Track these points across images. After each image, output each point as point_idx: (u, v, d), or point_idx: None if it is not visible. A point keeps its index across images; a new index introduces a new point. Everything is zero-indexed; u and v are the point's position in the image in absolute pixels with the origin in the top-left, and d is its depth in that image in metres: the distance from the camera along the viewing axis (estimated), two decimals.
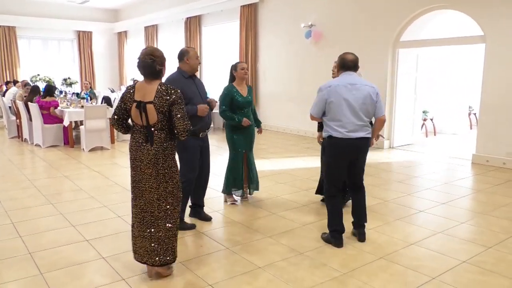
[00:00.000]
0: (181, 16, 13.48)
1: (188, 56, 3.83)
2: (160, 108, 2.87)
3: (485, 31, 6.68)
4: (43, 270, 3.17)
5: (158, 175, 2.94)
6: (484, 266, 3.26)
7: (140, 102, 2.89)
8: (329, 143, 3.59)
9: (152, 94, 2.88)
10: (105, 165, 6.84)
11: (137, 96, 2.93)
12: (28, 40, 16.10)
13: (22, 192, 5.29)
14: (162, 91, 2.88)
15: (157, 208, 2.97)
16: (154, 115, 2.88)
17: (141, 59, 2.93)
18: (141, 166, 2.96)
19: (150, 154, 2.92)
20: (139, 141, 2.96)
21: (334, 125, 3.50)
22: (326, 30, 9.14)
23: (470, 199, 5.11)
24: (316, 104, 3.56)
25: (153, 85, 2.92)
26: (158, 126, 2.91)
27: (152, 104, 2.87)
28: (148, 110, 2.88)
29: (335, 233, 3.63)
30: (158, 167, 2.93)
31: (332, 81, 3.59)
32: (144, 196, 2.98)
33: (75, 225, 4.12)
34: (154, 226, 2.97)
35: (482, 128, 6.93)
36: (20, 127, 9.31)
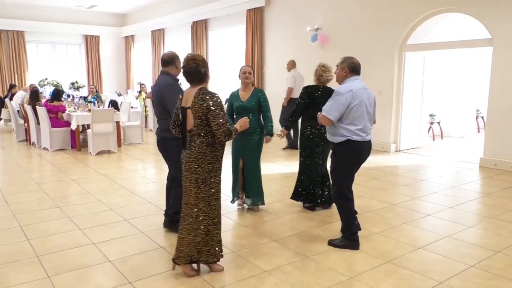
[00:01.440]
0: (187, 20, 13.55)
1: (179, 61, 3.82)
2: (196, 114, 2.91)
3: (493, 34, 6.65)
4: (51, 273, 3.19)
5: (194, 179, 3.02)
6: (492, 270, 3.23)
7: (182, 107, 3.01)
8: (348, 147, 3.53)
9: (191, 100, 2.96)
10: (112, 169, 6.88)
11: (183, 102, 3.04)
12: (36, 44, 16.27)
13: (29, 195, 5.34)
14: (200, 97, 2.92)
15: (191, 212, 3.06)
16: (191, 121, 2.96)
17: (185, 65, 3.00)
18: (184, 171, 3.07)
19: (191, 158, 3.00)
20: (182, 145, 3.09)
21: (355, 129, 3.50)
22: (332, 33, 9.15)
23: (478, 203, 5.07)
24: (337, 107, 3.45)
25: (192, 90, 3.00)
26: (195, 131, 2.97)
27: (190, 109, 2.95)
28: (187, 115, 2.97)
29: (355, 236, 3.65)
30: (192, 171, 3.01)
31: (351, 85, 3.51)
32: (185, 198, 3.10)
33: (82, 228, 4.14)
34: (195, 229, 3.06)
35: (489, 132, 6.88)
36: (28, 130, 9.40)
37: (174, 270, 3.17)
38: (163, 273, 3.21)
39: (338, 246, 3.65)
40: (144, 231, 4.07)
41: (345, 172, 3.62)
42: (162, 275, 3.18)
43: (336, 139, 3.57)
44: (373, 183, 5.86)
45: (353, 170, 3.65)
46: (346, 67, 3.60)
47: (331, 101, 3.51)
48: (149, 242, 3.81)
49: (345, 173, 3.62)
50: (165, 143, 3.82)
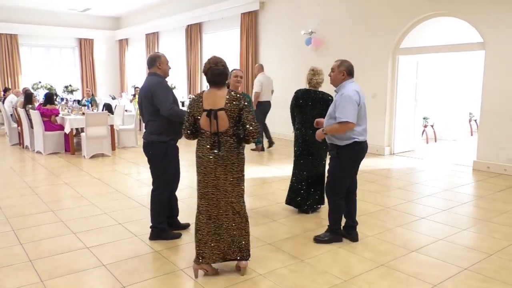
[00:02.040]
0: (182, 24, 13.56)
1: (160, 61, 3.79)
2: (231, 114, 2.97)
3: (485, 38, 6.72)
4: (44, 278, 3.17)
5: (232, 179, 3.07)
6: (486, 273, 3.24)
7: (210, 110, 2.96)
8: (354, 149, 3.62)
9: (223, 101, 2.97)
10: (106, 172, 6.85)
11: (207, 105, 3.00)
12: (30, 47, 16.19)
13: (23, 199, 5.30)
14: (232, 97, 2.99)
15: (232, 210, 3.11)
16: (225, 122, 2.98)
17: (214, 68, 3.00)
18: (215, 172, 3.04)
19: (224, 160, 3.02)
20: (210, 148, 3.03)
21: (360, 129, 3.60)
22: (326, 37, 9.19)
23: (471, 206, 5.10)
24: (353, 110, 3.49)
25: (222, 92, 3.01)
26: (230, 132, 3.01)
27: (223, 110, 2.96)
28: (220, 117, 2.96)
29: (339, 230, 3.82)
30: (232, 171, 3.05)
31: (354, 87, 3.60)
32: (219, 200, 3.09)
33: (75, 232, 4.11)
34: (228, 228, 3.11)
35: (482, 135, 6.93)
36: (21, 134, 9.33)
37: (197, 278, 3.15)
38: (157, 277, 3.19)
39: (324, 241, 3.79)
40: (138, 235, 4.05)
41: (346, 173, 3.73)
42: (156, 279, 3.16)
43: (342, 142, 3.62)
44: (368, 186, 5.88)
45: (354, 170, 3.78)
46: (344, 70, 3.66)
47: (344, 107, 3.47)
48: (143, 246, 3.79)
49: (347, 174, 3.74)
50: (153, 147, 3.76)
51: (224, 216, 3.11)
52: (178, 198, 4.19)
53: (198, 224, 3.15)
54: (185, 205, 5.02)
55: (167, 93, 3.68)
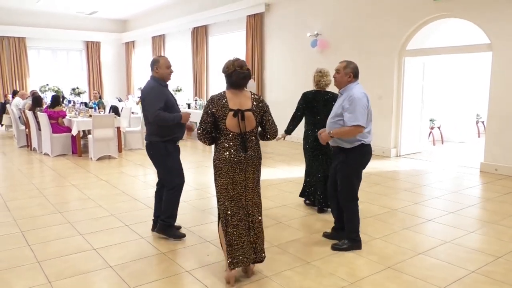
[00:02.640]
0: (188, 26, 13.62)
1: (158, 66, 3.79)
2: (256, 115, 3.06)
3: (492, 39, 6.68)
4: (52, 279, 3.19)
5: (258, 177, 3.15)
6: (493, 276, 3.22)
7: (238, 110, 2.99)
8: (361, 151, 3.61)
9: (249, 102, 3.04)
10: (112, 174, 6.89)
11: (233, 105, 3.00)
12: (38, 50, 16.36)
13: (30, 201, 5.34)
14: (257, 98, 3.11)
15: (258, 209, 3.16)
16: (253, 122, 3.05)
17: (240, 71, 3.01)
18: (244, 172, 3.06)
19: (254, 159, 3.08)
20: (237, 149, 3.03)
21: (366, 132, 3.57)
22: (332, 39, 9.19)
23: (479, 208, 5.07)
24: (364, 113, 3.48)
25: (246, 93, 3.08)
26: (254, 132, 3.10)
27: (251, 111, 3.03)
28: (247, 117, 3.02)
29: (358, 236, 3.75)
30: (258, 169, 3.14)
31: (362, 89, 3.59)
32: (248, 201, 3.11)
33: (83, 234, 4.14)
34: (254, 228, 3.13)
35: (490, 136, 6.89)
36: (29, 136, 9.41)
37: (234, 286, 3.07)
38: (164, 279, 3.20)
39: (343, 249, 3.69)
40: (145, 236, 4.07)
41: (356, 176, 3.70)
42: (163, 281, 3.18)
43: (349, 144, 3.59)
44: (374, 188, 5.86)
45: (361, 171, 3.74)
46: (350, 72, 3.62)
47: (355, 110, 3.45)
48: (149, 247, 3.81)
49: (357, 177, 3.71)
50: (153, 147, 3.84)
51: (251, 217, 3.12)
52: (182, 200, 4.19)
53: (227, 230, 3.05)
54: (190, 206, 5.04)
55: (154, 99, 3.69)
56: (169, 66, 3.85)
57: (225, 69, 3.08)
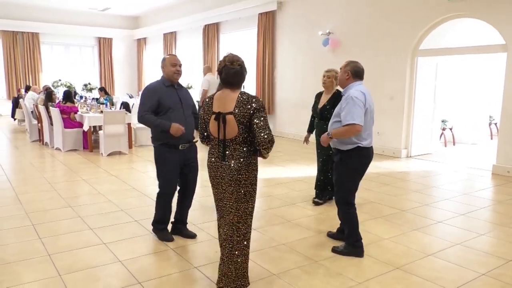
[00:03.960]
0: (199, 24, 13.65)
1: (163, 64, 3.71)
2: (241, 119, 2.63)
3: (507, 40, 6.57)
4: (62, 272, 3.23)
5: (239, 193, 2.71)
6: (503, 279, 3.18)
7: (219, 113, 2.68)
8: (358, 154, 3.45)
9: (233, 104, 2.65)
10: (123, 170, 6.94)
11: (216, 107, 2.73)
12: (51, 46, 16.54)
13: (42, 194, 5.41)
14: (243, 100, 2.65)
15: (236, 231, 2.77)
16: (234, 127, 2.65)
17: (230, 67, 2.69)
18: (222, 183, 2.75)
19: (233, 170, 2.68)
20: (219, 156, 2.73)
21: (365, 134, 3.45)
22: (344, 37, 9.13)
23: (490, 211, 5.01)
24: (360, 112, 3.33)
25: (234, 94, 2.69)
26: (239, 139, 2.67)
27: (232, 114, 2.64)
28: (228, 122, 2.65)
29: (359, 242, 3.60)
30: (240, 185, 2.70)
31: (362, 89, 3.46)
32: (224, 217, 2.80)
33: (93, 228, 4.19)
34: (232, 250, 2.78)
35: (503, 138, 6.79)
36: (41, 131, 9.53)
37: None
38: (173, 274, 3.23)
39: (341, 253, 3.59)
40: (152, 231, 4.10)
41: (351, 179, 3.55)
42: (172, 276, 3.20)
43: (345, 146, 3.47)
44: (384, 188, 5.82)
45: (360, 176, 3.59)
46: (349, 70, 3.53)
47: (350, 109, 3.33)
48: (158, 243, 3.83)
49: (352, 180, 3.56)
50: (154, 149, 3.81)
51: (228, 237, 2.78)
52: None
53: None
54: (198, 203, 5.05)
55: (145, 100, 3.66)
56: (175, 64, 3.65)
57: (217, 67, 2.78)
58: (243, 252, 2.82)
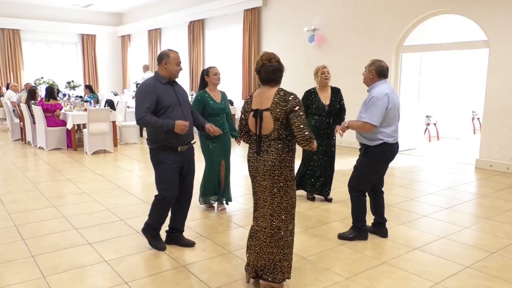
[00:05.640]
0: (184, 20, 13.54)
1: (167, 61, 3.39)
2: (277, 116, 2.70)
3: (489, 36, 6.68)
4: (46, 273, 3.17)
5: (273, 188, 2.77)
6: (488, 271, 3.24)
7: (257, 110, 2.79)
8: (382, 150, 3.63)
9: (270, 101, 2.74)
10: (108, 168, 6.86)
11: (254, 104, 2.83)
12: (32, 43, 16.20)
13: (25, 194, 5.31)
14: (280, 97, 2.72)
15: (270, 224, 2.80)
16: (270, 124, 2.73)
17: (268, 64, 2.77)
18: (257, 177, 2.84)
19: (267, 165, 2.76)
20: (255, 151, 2.84)
21: (390, 131, 3.61)
22: (329, 34, 9.16)
23: (474, 204, 5.09)
24: (379, 112, 3.50)
25: (272, 91, 2.77)
26: (274, 135, 2.74)
27: (268, 111, 2.73)
28: (264, 118, 2.74)
29: (364, 226, 3.82)
30: (274, 179, 2.76)
31: (385, 89, 3.57)
32: (259, 210, 2.86)
33: (77, 228, 4.12)
34: (266, 242, 2.82)
35: (485, 133, 6.91)
36: (23, 130, 9.35)
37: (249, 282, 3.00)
38: (159, 273, 3.20)
39: (348, 238, 3.78)
40: (140, 231, 4.05)
41: (374, 172, 3.74)
42: (158, 275, 3.17)
43: (372, 142, 3.63)
44: None
45: (381, 170, 3.77)
46: (373, 70, 3.64)
47: (371, 108, 3.50)
48: (145, 242, 3.78)
49: (371, 173, 3.74)
50: (150, 152, 3.54)
51: (262, 228, 2.83)
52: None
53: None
54: None
55: (142, 100, 3.33)
56: (179, 62, 3.46)
57: (255, 67, 2.85)
58: (277, 245, 2.82)
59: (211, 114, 4.36)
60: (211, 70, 4.45)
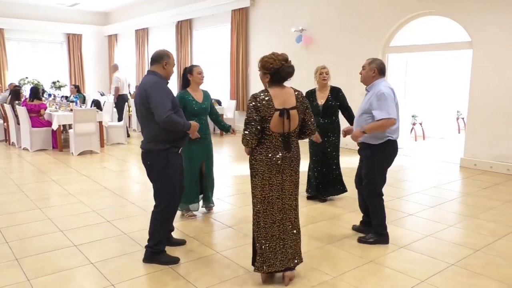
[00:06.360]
0: (172, 20, 13.46)
1: (168, 61, 3.30)
2: (300, 113, 2.91)
3: (472, 37, 6.79)
4: (30, 277, 3.13)
5: (297, 180, 2.98)
6: (472, 268, 3.29)
7: (283, 109, 2.81)
8: (387, 147, 3.63)
9: (293, 99, 2.87)
10: (94, 169, 6.78)
11: (278, 104, 2.82)
12: (17, 42, 15.93)
13: (9, 196, 5.22)
14: (298, 94, 2.92)
15: (294, 213, 3.00)
16: (296, 120, 2.89)
17: (287, 65, 2.85)
18: (283, 174, 2.89)
19: (294, 160, 2.93)
20: (285, 149, 2.86)
21: (395, 128, 3.61)
22: (316, 34, 9.20)
23: (458, 203, 5.17)
24: (392, 106, 3.51)
25: (288, 90, 2.90)
26: (296, 131, 2.94)
27: (295, 109, 2.87)
28: (292, 116, 2.85)
29: (385, 231, 3.79)
30: (297, 172, 2.96)
31: (389, 85, 3.63)
32: (285, 205, 2.94)
33: (63, 230, 4.07)
34: (292, 233, 2.99)
35: (470, 132, 7.02)
36: (7, 130, 9.19)
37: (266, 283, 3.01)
38: (146, 275, 3.18)
39: (369, 243, 3.75)
40: (127, 232, 4.02)
41: (382, 172, 3.74)
42: (145, 277, 3.15)
43: (377, 140, 3.62)
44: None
45: (387, 168, 3.77)
46: (375, 67, 3.68)
47: (384, 104, 3.47)
48: (132, 243, 3.76)
49: (382, 173, 3.74)
50: (151, 156, 3.25)
51: (288, 220, 2.97)
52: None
53: (258, 231, 2.94)
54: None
55: (164, 96, 3.13)
56: (174, 65, 3.42)
57: (268, 66, 2.85)
58: (299, 230, 3.06)
59: (192, 114, 4.14)
60: (195, 68, 4.25)
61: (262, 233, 2.94)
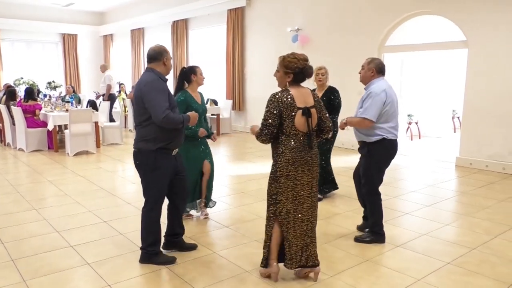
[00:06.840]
0: (167, 20, 13.44)
1: (167, 57, 3.25)
2: (317, 111, 3.00)
3: (468, 37, 6.82)
4: (27, 277, 3.11)
5: (317, 177, 3.05)
6: (468, 267, 3.31)
7: (305, 108, 2.89)
8: (383, 146, 3.65)
9: (311, 98, 2.97)
10: (90, 170, 6.76)
11: (299, 103, 2.89)
12: (12, 42, 15.85)
13: (4, 197, 5.19)
14: (315, 94, 3.03)
15: (315, 212, 3.05)
16: (315, 119, 2.98)
17: (309, 65, 2.94)
18: (305, 171, 2.95)
19: (316, 158, 3.00)
20: (308, 146, 2.93)
21: (388, 127, 3.63)
22: (312, 34, 9.22)
23: (454, 201, 5.19)
24: (376, 108, 3.55)
25: (306, 89, 3.00)
26: (315, 129, 3.03)
27: (314, 108, 2.96)
28: (313, 114, 2.95)
29: (382, 230, 3.79)
30: (318, 168, 3.04)
31: (383, 85, 3.63)
32: (307, 202, 2.99)
33: (59, 231, 4.05)
34: (313, 231, 3.05)
35: (465, 131, 7.05)
36: (2, 131, 9.15)
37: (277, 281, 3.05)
38: (143, 275, 3.17)
39: (365, 242, 3.76)
40: (123, 232, 4.01)
41: (379, 171, 3.76)
42: (142, 277, 3.14)
43: (370, 138, 3.66)
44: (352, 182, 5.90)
45: (385, 168, 3.80)
46: (373, 67, 3.70)
47: (369, 104, 3.55)
48: (128, 244, 3.75)
49: (379, 172, 3.77)
50: (140, 156, 3.21)
51: (314, 219, 3.06)
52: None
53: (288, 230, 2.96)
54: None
55: (160, 95, 3.08)
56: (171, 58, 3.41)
57: (292, 66, 2.88)
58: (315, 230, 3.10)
59: None
60: (198, 69, 4.21)
61: (291, 232, 2.97)
